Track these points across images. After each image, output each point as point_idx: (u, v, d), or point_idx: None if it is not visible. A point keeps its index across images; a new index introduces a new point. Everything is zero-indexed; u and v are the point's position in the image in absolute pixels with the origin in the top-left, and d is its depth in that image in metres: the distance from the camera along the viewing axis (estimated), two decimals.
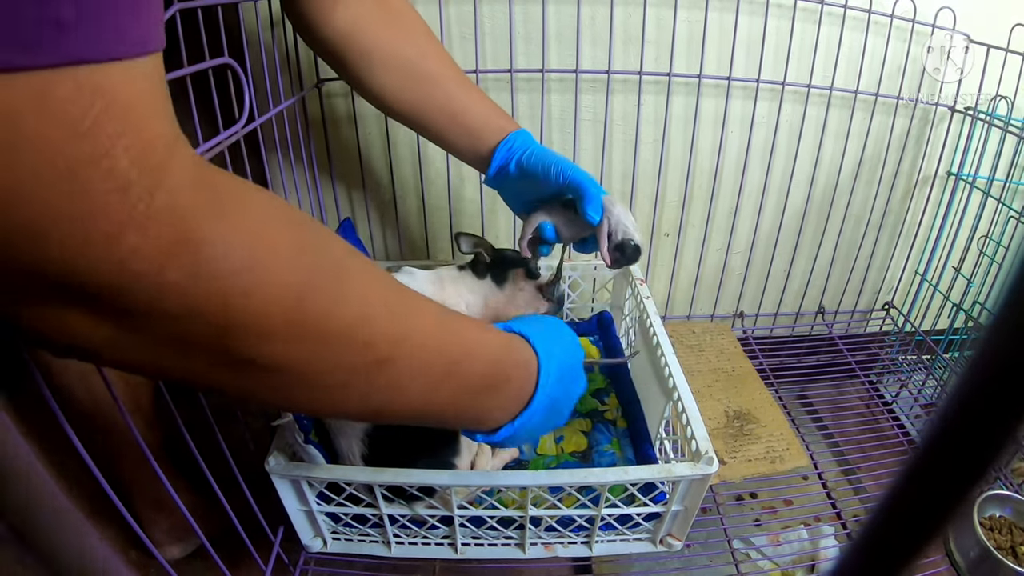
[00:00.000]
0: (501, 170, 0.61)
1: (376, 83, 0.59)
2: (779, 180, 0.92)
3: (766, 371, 0.95)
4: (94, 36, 0.20)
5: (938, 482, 0.10)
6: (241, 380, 0.28)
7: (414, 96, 0.60)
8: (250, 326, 0.26)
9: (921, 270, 1.01)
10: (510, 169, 0.60)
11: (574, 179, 0.56)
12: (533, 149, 0.60)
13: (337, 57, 0.59)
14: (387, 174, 0.84)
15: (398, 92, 0.59)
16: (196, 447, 0.50)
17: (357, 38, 0.57)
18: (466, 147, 0.62)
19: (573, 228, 0.59)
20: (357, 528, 0.60)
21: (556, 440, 0.72)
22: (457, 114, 0.60)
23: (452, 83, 0.60)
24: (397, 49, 0.58)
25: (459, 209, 0.87)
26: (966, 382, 0.09)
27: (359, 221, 0.90)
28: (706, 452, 0.53)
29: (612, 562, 0.75)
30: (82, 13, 0.20)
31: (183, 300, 0.24)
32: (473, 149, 0.62)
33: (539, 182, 0.59)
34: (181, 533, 0.75)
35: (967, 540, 0.70)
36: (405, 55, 0.58)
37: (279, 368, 0.28)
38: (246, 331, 0.26)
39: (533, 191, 0.61)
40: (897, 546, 0.12)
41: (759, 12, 0.79)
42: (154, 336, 0.25)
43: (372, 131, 0.83)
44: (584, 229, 0.59)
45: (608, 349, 0.83)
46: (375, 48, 0.58)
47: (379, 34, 0.58)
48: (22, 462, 0.12)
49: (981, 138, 0.88)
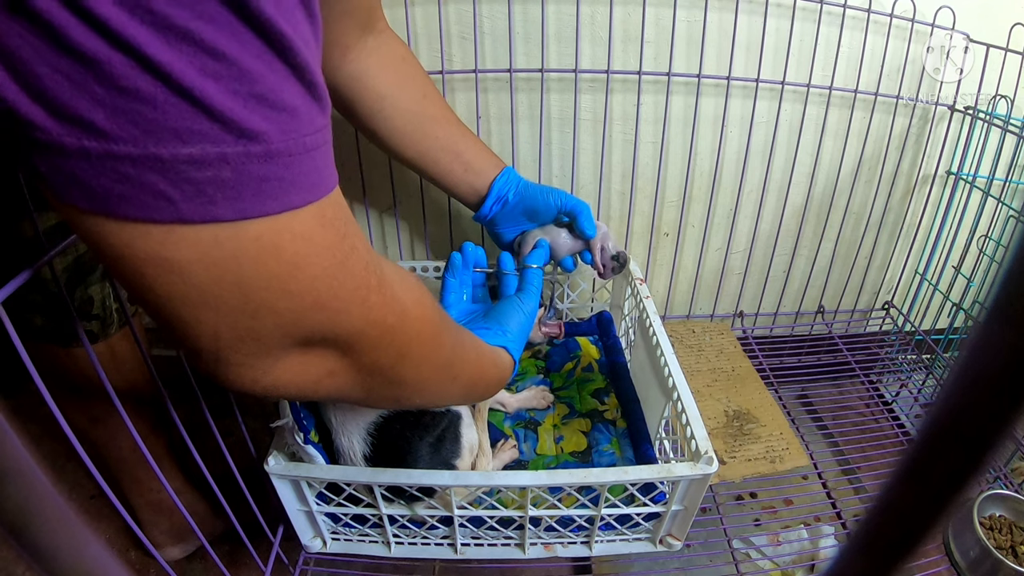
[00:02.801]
0: (500, 200, 0.67)
1: (387, 126, 0.63)
2: (779, 180, 0.92)
3: (766, 371, 0.95)
4: (332, 172, 0.29)
5: (933, 480, 0.10)
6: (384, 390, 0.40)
7: (421, 137, 0.64)
8: (414, 355, 0.38)
9: (921, 269, 1.01)
10: (510, 197, 0.67)
11: (568, 201, 0.65)
12: (524, 181, 0.67)
13: (348, 102, 0.61)
14: (387, 176, 0.84)
15: (407, 134, 0.63)
16: (196, 448, 0.50)
17: (368, 84, 0.60)
18: (465, 184, 0.67)
19: (567, 245, 0.67)
20: (357, 528, 0.60)
21: (556, 440, 0.72)
22: (460, 153, 0.65)
23: (451, 124, 0.65)
24: (405, 93, 0.62)
25: (459, 212, 0.87)
26: (960, 377, 0.09)
27: (359, 222, 0.90)
28: (706, 452, 0.53)
29: (612, 562, 0.75)
30: (325, 160, 0.29)
31: (392, 335, 0.35)
32: (471, 185, 0.67)
33: (537, 206, 0.66)
34: (181, 534, 0.75)
35: (967, 540, 0.70)
36: (412, 98, 0.62)
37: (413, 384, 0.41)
38: (412, 356, 0.38)
39: (528, 216, 0.67)
40: (893, 545, 0.12)
41: (759, 12, 0.79)
42: (363, 365, 0.35)
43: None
44: (577, 246, 0.67)
45: (607, 349, 0.83)
46: (387, 93, 0.61)
47: (387, 79, 0.61)
48: (20, 463, 0.12)
49: (981, 137, 0.88)
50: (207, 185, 0.24)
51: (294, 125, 0.26)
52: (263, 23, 0.23)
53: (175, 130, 0.23)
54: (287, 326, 0.29)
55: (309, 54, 0.26)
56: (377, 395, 0.40)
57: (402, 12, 0.73)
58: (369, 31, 0.59)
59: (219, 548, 0.54)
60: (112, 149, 0.22)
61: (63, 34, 0.20)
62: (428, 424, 0.57)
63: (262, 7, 0.23)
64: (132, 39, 0.21)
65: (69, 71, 0.21)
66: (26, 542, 0.12)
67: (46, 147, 0.22)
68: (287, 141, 0.26)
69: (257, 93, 0.24)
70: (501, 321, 0.54)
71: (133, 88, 0.21)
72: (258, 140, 0.24)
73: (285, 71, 0.25)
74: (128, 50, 0.21)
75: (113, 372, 0.62)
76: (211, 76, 0.23)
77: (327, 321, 0.31)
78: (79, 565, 0.13)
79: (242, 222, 0.25)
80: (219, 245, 0.25)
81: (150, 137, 0.22)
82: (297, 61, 0.25)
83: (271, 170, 0.25)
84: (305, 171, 0.27)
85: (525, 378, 0.81)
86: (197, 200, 0.24)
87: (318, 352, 0.33)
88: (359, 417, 0.56)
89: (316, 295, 0.29)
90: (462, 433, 0.59)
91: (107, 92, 0.21)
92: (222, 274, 0.26)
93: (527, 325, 0.56)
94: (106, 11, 0.20)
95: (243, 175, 0.24)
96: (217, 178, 0.24)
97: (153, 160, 0.23)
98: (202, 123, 0.23)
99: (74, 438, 0.37)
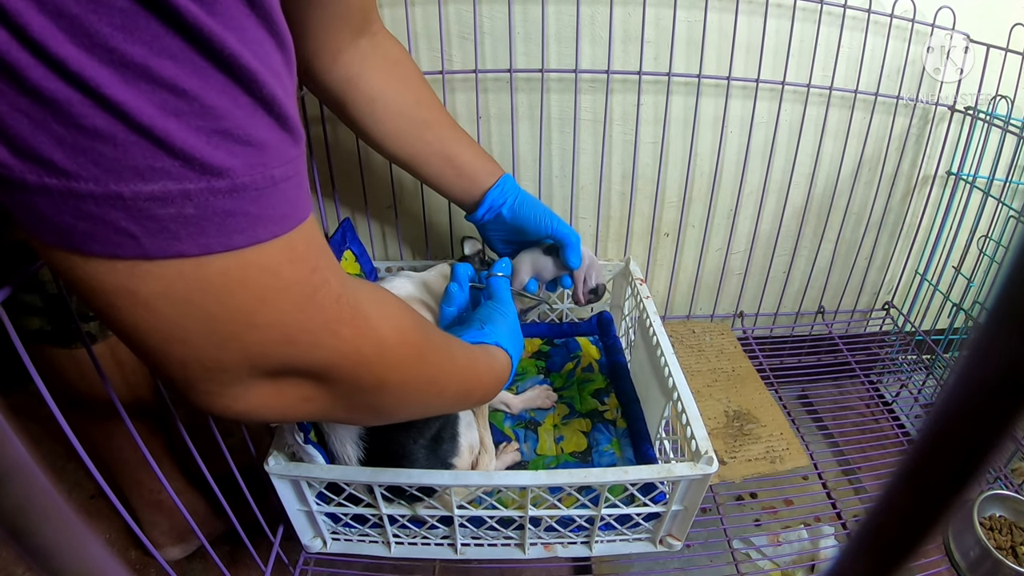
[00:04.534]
0: (492, 210, 0.67)
1: (378, 129, 0.62)
2: (779, 180, 0.92)
3: (766, 371, 0.95)
4: (303, 203, 0.29)
5: (934, 481, 0.10)
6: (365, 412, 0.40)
7: (413, 140, 0.63)
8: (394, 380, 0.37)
9: (921, 270, 1.01)
10: (503, 212, 0.66)
11: (558, 230, 0.65)
12: (521, 196, 0.67)
13: (340, 104, 0.61)
14: (387, 175, 0.84)
15: (399, 137, 0.63)
16: (196, 448, 0.50)
17: (360, 86, 0.60)
18: (459, 189, 0.67)
19: (550, 271, 0.68)
20: (357, 528, 0.60)
21: (556, 440, 0.72)
22: (452, 157, 0.65)
23: (446, 128, 0.65)
24: (397, 96, 0.62)
25: (457, 211, 0.87)
26: (961, 379, 0.09)
27: (359, 222, 0.90)
28: (706, 452, 0.53)
29: (612, 562, 0.75)
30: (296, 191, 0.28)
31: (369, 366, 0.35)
32: (465, 191, 0.67)
33: (527, 227, 0.66)
34: (181, 534, 0.75)
35: (967, 540, 0.70)
36: (405, 101, 0.62)
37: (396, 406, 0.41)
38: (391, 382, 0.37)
39: (519, 235, 0.68)
40: (894, 545, 0.12)
41: (759, 12, 0.79)
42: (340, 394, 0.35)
43: None
44: (560, 271, 0.68)
45: (608, 349, 0.83)
46: (378, 96, 0.61)
47: (380, 82, 0.60)
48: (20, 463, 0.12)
49: (981, 138, 0.88)
50: (170, 221, 0.24)
51: (262, 159, 0.26)
52: (226, 58, 0.23)
53: (136, 168, 0.23)
54: (255, 358, 0.29)
55: (279, 85, 0.26)
56: (359, 415, 0.40)
57: (402, 12, 0.73)
58: (363, 33, 0.59)
59: (219, 548, 0.54)
60: (73, 187, 0.22)
61: (22, 75, 0.20)
62: (421, 426, 0.57)
63: (225, 42, 0.23)
64: (90, 79, 0.21)
65: (29, 110, 0.21)
66: (26, 542, 0.12)
67: (9, 183, 0.22)
68: (254, 175, 0.25)
69: (222, 129, 0.24)
70: (485, 320, 0.55)
71: (92, 127, 0.21)
72: (223, 176, 0.24)
73: (252, 105, 0.25)
74: (86, 90, 0.21)
75: (114, 372, 0.62)
76: (172, 113, 0.23)
77: (297, 354, 0.31)
78: (79, 565, 0.13)
79: (207, 257, 0.25)
80: (184, 279, 0.25)
81: (111, 175, 0.22)
82: (264, 94, 0.25)
83: (237, 205, 0.25)
84: (273, 204, 0.27)
85: (525, 378, 0.81)
86: (160, 236, 0.24)
87: (291, 381, 0.33)
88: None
89: (284, 329, 0.29)
90: (460, 433, 0.59)
91: (67, 131, 0.21)
92: (187, 307, 0.26)
93: (513, 324, 0.56)
94: (64, 51, 0.20)
95: (207, 211, 0.24)
96: (180, 215, 0.24)
97: (115, 198, 0.23)
98: (163, 160, 0.23)
99: (74, 438, 0.37)
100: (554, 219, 0.65)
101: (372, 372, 0.35)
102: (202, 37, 0.22)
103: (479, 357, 0.50)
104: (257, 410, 0.32)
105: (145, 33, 0.21)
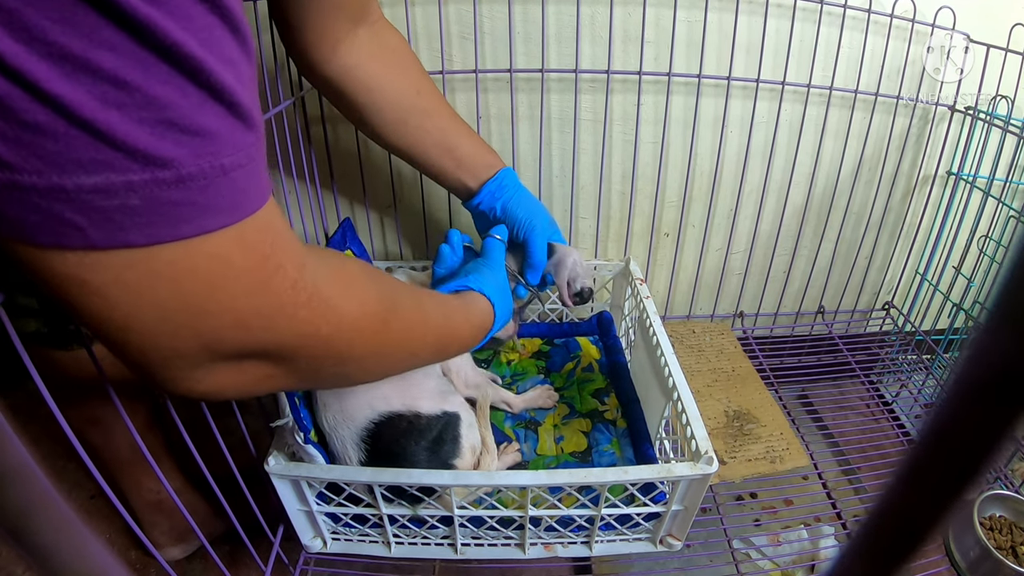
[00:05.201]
0: (485, 203, 0.67)
1: (377, 118, 0.62)
2: (779, 180, 0.92)
3: (766, 371, 0.95)
4: (258, 191, 0.29)
5: (934, 482, 0.10)
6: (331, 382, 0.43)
7: (412, 130, 0.63)
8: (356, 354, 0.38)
9: (921, 270, 1.01)
10: (496, 209, 0.67)
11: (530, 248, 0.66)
12: (515, 196, 0.67)
13: (339, 94, 0.61)
14: (387, 175, 0.84)
15: (398, 127, 0.63)
16: (196, 448, 0.50)
17: (359, 76, 0.59)
18: (456, 180, 0.67)
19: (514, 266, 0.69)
20: (357, 528, 0.60)
21: (556, 440, 0.72)
22: (452, 148, 0.65)
23: (445, 119, 0.64)
24: (396, 86, 0.61)
25: (458, 210, 0.87)
26: (962, 380, 0.09)
27: (359, 222, 0.90)
28: (706, 452, 0.53)
29: (612, 562, 0.75)
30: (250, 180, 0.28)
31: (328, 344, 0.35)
32: (461, 181, 0.67)
33: (509, 232, 0.67)
34: (181, 534, 0.75)
35: (967, 540, 0.70)
36: (403, 91, 0.62)
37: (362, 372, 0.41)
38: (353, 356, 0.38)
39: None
40: (894, 546, 0.12)
41: (759, 12, 0.79)
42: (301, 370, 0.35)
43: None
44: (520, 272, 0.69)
45: (608, 349, 0.83)
46: (376, 86, 0.60)
47: (379, 72, 0.60)
48: (20, 463, 0.12)
49: (981, 138, 0.88)
50: (115, 213, 0.24)
51: (211, 148, 0.25)
52: (169, 47, 0.23)
53: (78, 161, 0.23)
54: (211, 344, 0.30)
55: (230, 72, 0.25)
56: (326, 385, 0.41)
57: (402, 12, 0.73)
58: (361, 23, 0.58)
59: (219, 548, 0.54)
60: (17, 180, 0.22)
61: None
62: (423, 428, 0.57)
63: (167, 31, 0.23)
64: (29, 73, 0.21)
65: None
66: (26, 542, 0.12)
67: None
68: (201, 165, 0.25)
69: (166, 119, 0.24)
70: (470, 271, 0.57)
71: (33, 122, 0.21)
72: (168, 166, 0.24)
73: (200, 94, 0.25)
74: (26, 85, 0.21)
75: (112, 373, 0.62)
76: (113, 105, 0.22)
77: (252, 338, 0.31)
78: (79, 565, 0.13)
79: (156, 247, 0.25)
80: (133, 268, 0.25)
81: (53, 168, 0.22)
82: (212, 82, 0.25)
83: (184, 195, 0.25)
84: (222, 193, 0.26)
85: (526, 378, 0.81)
86: (106, 227, 0.24)
87: (252, 362, 0.33)
88: (350, 423, 0.56)
89: (236, 315, 0.29)
90: (461, 434, 0.59)
91: (8, 126, 0.21)
92: (139, 296, 0.26)
93: (500, 279, 0.57)
94: (2, 46, 0.20)
95: (152, 202, 0.24)
96: (125, 206, 0.24)
97: (58, 191, 0.23)
98: (105, 153, 0.23)
99: (74, 438, 0.37)
100: (533, 231, 0.66)
101: (332, 349, 0.36)
102: (142, 27, 0.22)
103: (455, 310, 0.50)
104: (221, 390, 0.33)
105: (83, 25, 0.21)
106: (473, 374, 0.70)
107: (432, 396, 0.59)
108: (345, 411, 0.57)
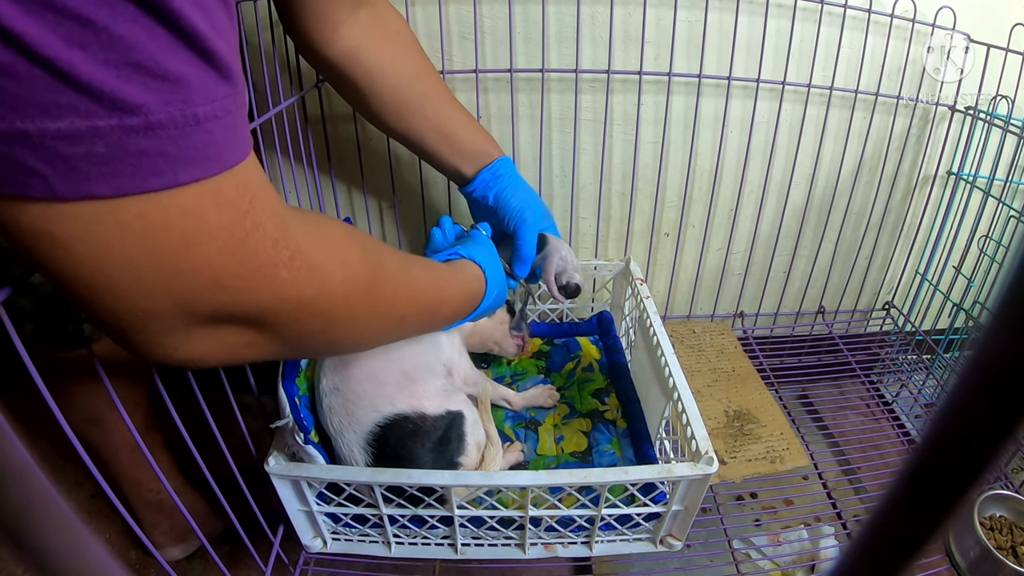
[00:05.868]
0: (479, 191, 0.67)
1: (377, 101, 0.62)
2: (779, 180, 0.92)
3: (766, 371, 0.95)
4: (235, 146, 0.27)
5: (937, 482, 0.10)
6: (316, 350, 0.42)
7: (411, 114, 0.63)
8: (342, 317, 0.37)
9: (921, 270, 1.01)
10: (488, 198, 0.66)
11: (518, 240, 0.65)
12: (510, 186, 0.66)
13: (339, 77, 0.60)
14: (387, 174, 0.84)
15: (397, 110, 0.62)
16: (196, 448, 0.50)
17: (358, 59, 0.59)
18: (451, 166, 0.66)
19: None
20: (357, 528, 0.60)
21: (556, 440, 0.72)
22: (449, 135, 0.64)
23: (444, 104, 0.64)
24: (396, 69, 0.61)
25: (458, 210, 0.87)
26: (964, 382, 0.09)
27: (359, 221, 0.90)
28: (706, 452, 0.53)
29: (612, 562, 0.75)
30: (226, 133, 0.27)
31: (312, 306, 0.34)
32: (457, 169, 0.66)
33: (500, 222, 0.66)
34: (181, 534, 0.75)
35: (967, 540, 0.70)
36: (403, 75, 0.61)
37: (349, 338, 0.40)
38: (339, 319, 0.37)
39: (495, 224, 0.67)
40: (896, 546, 0.12)
41: (759, 12, 0.79)
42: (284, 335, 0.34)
43: (372, 130, 0.82)
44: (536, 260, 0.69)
45: (608, 349, 0.83)
46: (376, 69, 0.60)
47: (379, 55, 0.60)
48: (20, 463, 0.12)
49: (981, 138, 0.88)
50: (80, 161, 0.23)
51: (181, 95, 0.24)
52: None
53: (41, 104, 0.21)
54: (186, 304, 0.28)
55: (203, 19, 0.24)
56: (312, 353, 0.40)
57: (402, 12, 0.73)
58: (362, 4, 0.58)
59: (219, 548, 0.54)
60: None
61: None
62: (428, 430, 0.57)
63: None
64: None
65: None
66: (26, 542, 0.12)
67: None
68: (172, 112, 0.24)
69: (132, 61, 0.22)
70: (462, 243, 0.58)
71: None
72: (135, 112, 0.23)
73: (169, 37, 0.23)
74: None
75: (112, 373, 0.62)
76: (77, 45, 0.21)
77: (230, 299, 0.29)
78: (79, 565, 0.13)
79: (123, 199, 0.24)
80: (100, 222, 0.24)
81: (15, 112, 0.21)
82: (183, 25, 0.23)
83: (153, 144, 0.24)
84: (195, 145, 0.25)
85: (526, 378, 0.81)
86: (71, 177, 0.23)
87: (232, 327, 0.32)
88: (355, 427, 0.56)
89: (212, 273, 0.28)
90: (466, 432, 0.59)
91: None
92: (107, 251, 0.25)
93: (491, 252, 0.58)
94: None
95: (119, 150, 0.23)
96: (90, 153, 0.23)
97: (20, 136, 0.22)
98: (68, 96, 0.22)
99: (74, 438, 0.37)
100: (524, 223, 0.65)
101: (316, 312, 0.34)
102: None
103: (444, 275, 0.49)
104: (201, 357, 0.32)
105: None
106: (472, 372, 0.70)
107: (437, 396, 0.59)
108: (350, 415, 0.57)
